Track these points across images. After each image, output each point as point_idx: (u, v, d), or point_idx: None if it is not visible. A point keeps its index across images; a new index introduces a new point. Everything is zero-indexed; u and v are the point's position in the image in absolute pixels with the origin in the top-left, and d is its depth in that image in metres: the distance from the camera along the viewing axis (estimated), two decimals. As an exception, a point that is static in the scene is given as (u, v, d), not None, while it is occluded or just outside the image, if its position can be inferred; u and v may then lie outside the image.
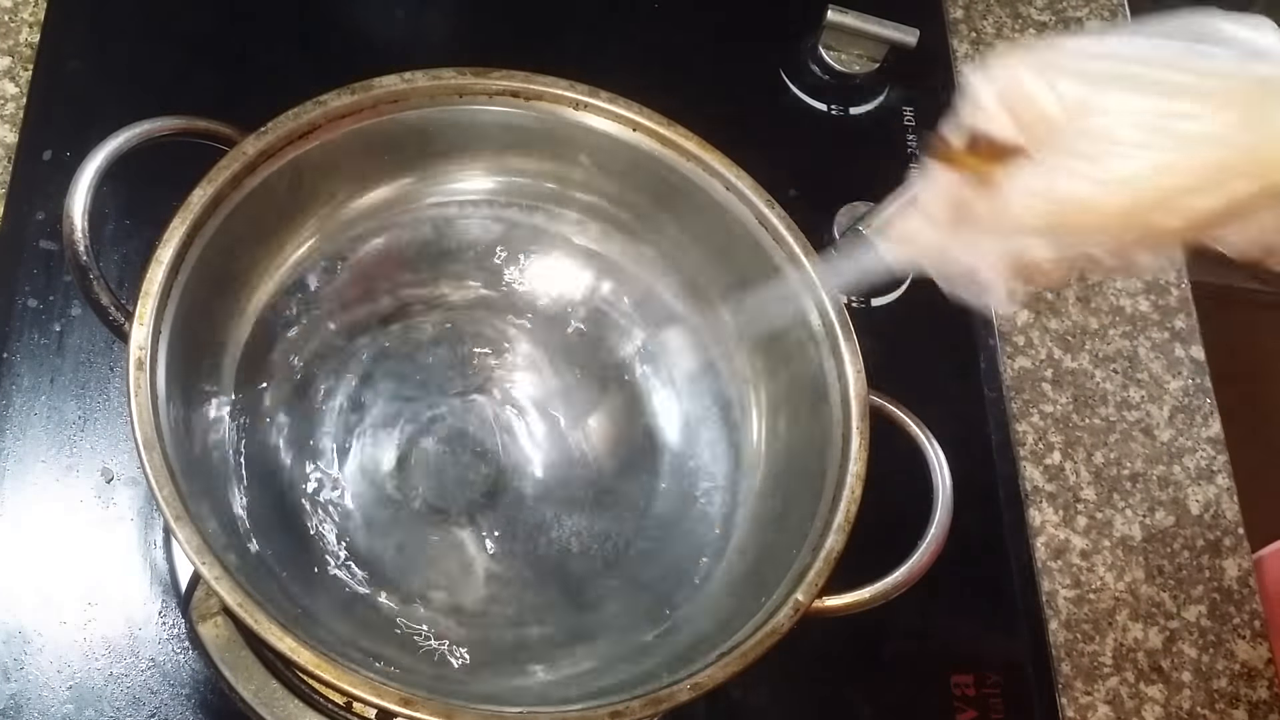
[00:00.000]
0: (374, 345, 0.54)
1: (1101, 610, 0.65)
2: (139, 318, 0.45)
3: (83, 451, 0.57)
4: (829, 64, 0.74)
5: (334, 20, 0.71)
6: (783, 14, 0.77)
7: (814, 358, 0.52)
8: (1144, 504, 0.68)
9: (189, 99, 0.65)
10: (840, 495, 0.48)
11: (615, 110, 0.54)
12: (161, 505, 0.42)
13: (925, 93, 0.77)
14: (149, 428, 0.43)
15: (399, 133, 0.53)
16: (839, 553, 0.47)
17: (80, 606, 0.54)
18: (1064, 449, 0.68)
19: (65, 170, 0.64)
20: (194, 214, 0.47)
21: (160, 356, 0.45)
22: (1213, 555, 0.67)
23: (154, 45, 0.68)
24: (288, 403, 0.52)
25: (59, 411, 0.58)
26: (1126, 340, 0.72)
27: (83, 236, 0.46)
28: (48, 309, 0.60)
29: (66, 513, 0.56)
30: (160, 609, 0.55)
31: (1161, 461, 0.69)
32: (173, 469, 0.43)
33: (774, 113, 0.75)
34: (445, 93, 0.53)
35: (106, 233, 0.62)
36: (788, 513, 0.51)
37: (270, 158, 0.50)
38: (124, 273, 0.62)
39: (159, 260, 0.46)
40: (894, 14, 0.74)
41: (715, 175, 0.54)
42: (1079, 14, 0.84)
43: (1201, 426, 0.71)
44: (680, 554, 0.52)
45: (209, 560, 0.42)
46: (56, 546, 0.55)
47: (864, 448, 0.49)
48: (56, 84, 0.65)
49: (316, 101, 0.51)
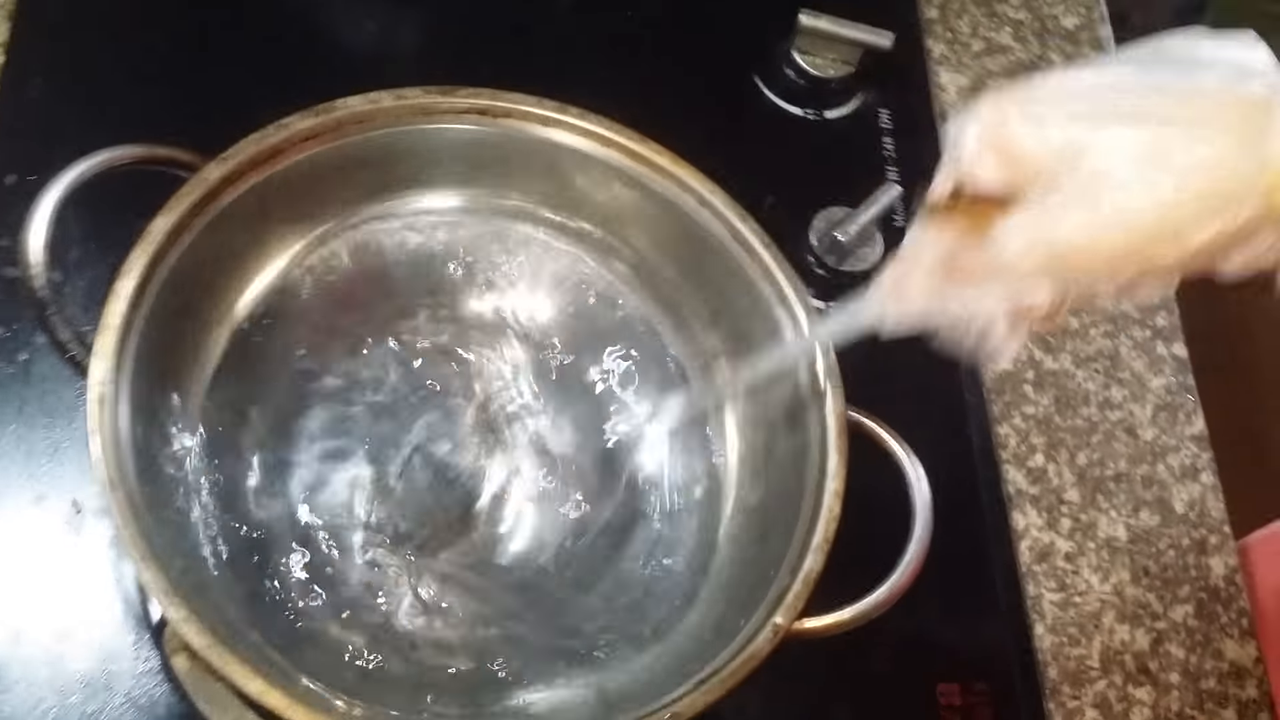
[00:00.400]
0: (345, 371, 0.54)
1: (1087, 613, 0.64)
2: (99, 353, 0.44)
3: (52, 482, 0.56)
4: (803, 68, 0.74)
5: (299, 41, 0.70)
6: (756, 18, 0.76)
7: (791, 373, 0.51)
8: (1128, 504, 0.68)
9: (154, 118, 0.65)
10: (819, 514, 0.48)
11: (585, 126, 0.54)
12: (127, 545, 0.42)
13: (901, 95, 0.76)
14: (112, 466, 0.43)
15: (365, 154, 0.53)
16: (818, 573, 0.46)
17: (52, 641, 0.53)
18: (1046, 451, 0.68)
19: (29, 194, 0.63)
20: (155, 244, 0.47)
21: (123, 392, 0.44)
22: (1199, 554, 0.67)
23: (118, 65, 0.67)
24: (256, 434, 0.51)
25: (26, 441, 0.57)
26: (1108, 339, 0.72)
27: (41, 271, 0.45)
28: (13, 336, 0.59)
29: (36, 545, 0.55)
30: (134, 641, 0.54)
31: (1145, 461, 0.69)
32: (137, 507, 0.42)
33: (748, 118, 0.74)
34: (411, 112, 0.52)
35: (72, 256, 0.61)
36: (767, 531, 0.50)
37: (233, 183, 0.49)
38: (91, 295, 0.61)
39: (118, 294, 0.46)
40: (868, 16, 0.74)
41: (688, 190, 0.54)
42: (1054, 10, 0.83)
43: (1185, 424, 0.70)
44: (658, 575, 0.51)
45: (175, 601, 0.41)
46: (26, 580, 0.54)
47: (842, 465, 0.49)
48: (20, 106, 0.64)
49: (280, 124, 0.50)
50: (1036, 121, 0.36)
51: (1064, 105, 0.36)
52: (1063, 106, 0.36)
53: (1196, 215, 0.35)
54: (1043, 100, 0.37)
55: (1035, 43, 0.82)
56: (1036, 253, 0.37)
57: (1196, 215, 0.35)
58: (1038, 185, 0.36)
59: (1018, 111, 0.36)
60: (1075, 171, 0.35)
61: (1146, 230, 0.35)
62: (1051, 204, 0.36)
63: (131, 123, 0.64)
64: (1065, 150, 0.36)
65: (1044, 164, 0.36)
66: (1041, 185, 0.36)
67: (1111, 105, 0.36)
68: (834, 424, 0.49)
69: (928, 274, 0.40)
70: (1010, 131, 0.36)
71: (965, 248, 0.38)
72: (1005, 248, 0.37)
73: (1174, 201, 0.35)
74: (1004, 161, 0.36)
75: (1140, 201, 0.35)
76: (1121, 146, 0.35)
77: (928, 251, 0.40)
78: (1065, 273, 0.37)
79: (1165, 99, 0.35)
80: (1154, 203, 0.35)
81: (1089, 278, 0.37)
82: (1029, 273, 0.37)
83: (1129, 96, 0.36)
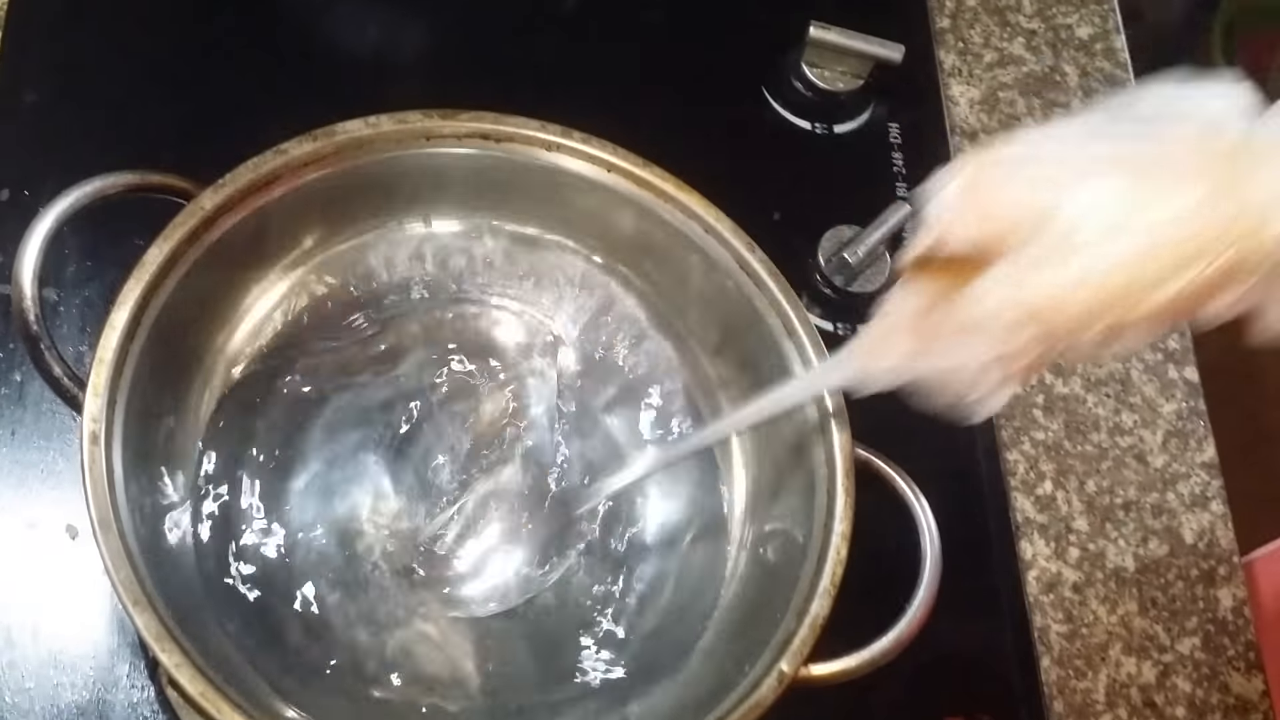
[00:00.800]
0: (344, 400, 0.52)
1: (1094, 645, 0.63)
2: (93, 388, 0.43)
3: (46, 506, 0.56)
4: (812, 81, 0.72)
5: (296, 54, 0.68)
6: (764, 30, 0.75)
7: (798, 411, 0.50)
8: (1137, 533, 0.67)
9: (150, 132, 0.64)
10: (826, 556, 0.47)
11: (589, 151, 0.52)
12: (118, 589, 0.41)
13: (911, 108, 0.75)
14: (105, 507, 0.42)
15: (365, 178, 0.51)
16: (825, 618, 0.45)
17: (46, 671, 0.53)
18: (1055, 478, 0.67)
19: (24, 210, 0.62)
20: (149, 274, 0.46)
21: (116, 428, 0.43)
22: (1207, 585, 0.66)
23: (113, 77, 0.66)
24: (254, 466, 0.50)
25: (20, 465, 0.56)
26: (1118, 363, 0.71)
27: (33, 304, 0.44)
28: (8, 357, 0.58)
29: (29, 571, 0.54)
30: (128, 671, 0.53)
31: (1155, 489, 0.68)
32: (130, 550, 0.42)
33: (756, 131, 0.73)
34: (412, 136, 0.51)
35: (68, 273, 0.60)
36: (772, 572, 0.49)
37: (229, 210, 0.48)
38: (87, 314, 0.60)
39: (113, 325, 0.45)
40: (879, 27, 0.72)
41: (694, 217, 0.52)
42: (1069, 20, 0.82)
43: (1195, 451, 0.69)
44: (662, 617, 0.51)
45: (169, 647, 0.40)
46: (20, 607, 0.54)
47: (850, 506, 0.48)
48: (14, 119, 0.63)
49: (278, 150, 0.49)
50: (1012, 182, 0.37)
51: (1038, 164, 0.37)
52: (1037, 165, 0.37)
53: (1168, 268, 0.35)
54: (1018, 159, 0.37)
55: (1049, 53, 0.80)
56: (1011, 309, 0.37)
57: (1168, 268, 0.35)
58: (1012, 243, 0.36)
59: (993, 172, 0.37)
60: (1048, 229, 0.36)
61: (1117, 286, 0.36)
62: (1024, 262, 0.36)
63: (126, 137, 0.64)
64: (1039, 208, 0.36)
65: (1019, 223, 0.36)
66: (1016, 243, 0.36)
67: (1085, 161, 0.36)
68: (841, 463, 0.48)
69: (905, 333, 0.40)
70: (986, 192, 0.37)
71: (942, 306, 0.39)
72: (980, 304, 0.37)
73: (1145, 257, 0.35)
74: (979, 221, 0.37)
75: (1110, 258, 0.35)
76: (1092, 202, 0.35)
77: (905, 310, 0.40)
78: (1040, 327, 0.37)
79: (1138, 152, 0.36)
80: (1124, 259, 0.35)
81: (1065, 332, 0.37)
82: (1005, 329, 0.37)
83: (1102, 151, 0.36)
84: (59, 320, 0.59)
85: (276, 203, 0.49)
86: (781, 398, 0.47)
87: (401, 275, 0.54)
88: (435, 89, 0.54)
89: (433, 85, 0.58)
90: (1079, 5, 0.82)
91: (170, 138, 0.63)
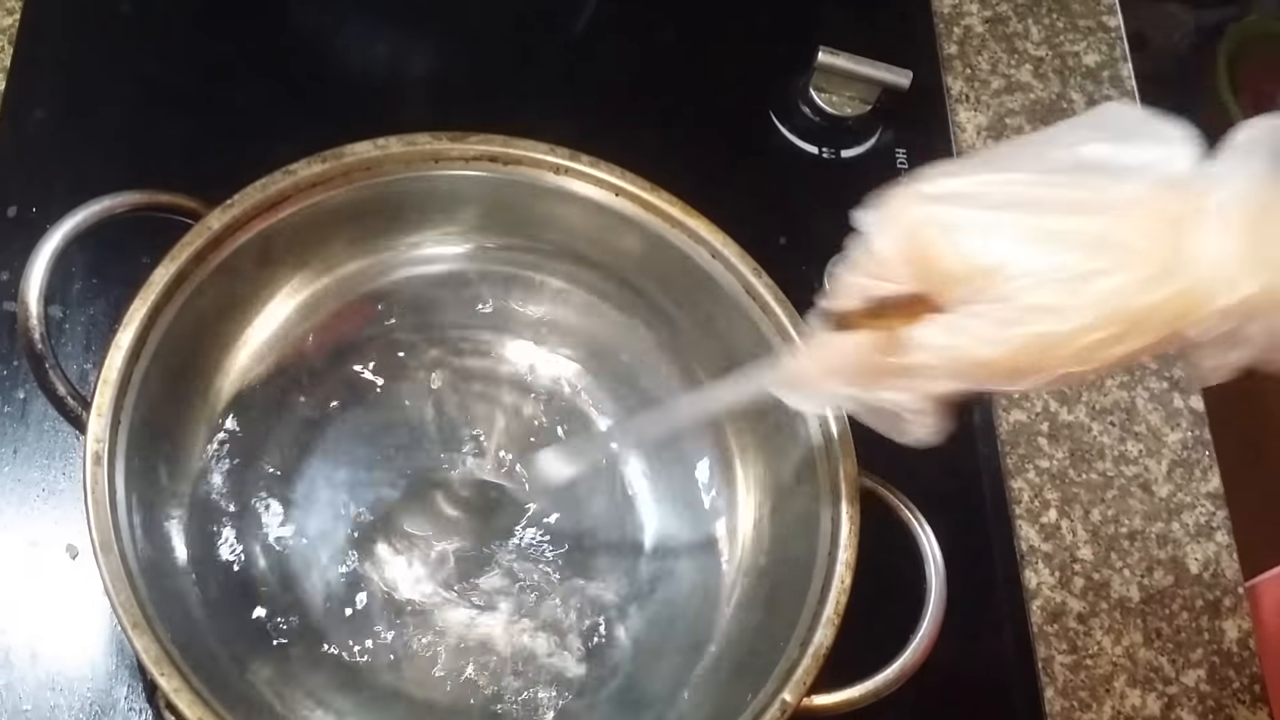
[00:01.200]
0: (349, 421, 0.52)
1: (1099, 676, 0.63)
2: (97, 409, 0.43)
3: (47, 525, 0.55)
4: (820, 106, 0.72)
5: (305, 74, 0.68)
6: (773, 55, 0.75)
7: (802, 436, 0.50)
8: (1142, 563, 0.66)
9: (157, 150, 0.64)
10: (830, 585, 0.46)
11: (596, 175, 0.52)
12: (118, 611, 0.41)
13: (919, 134, 0.75)
14: (106, 529, 0.42)
15: (373, 200, 0.52)
16: (828, 648, 0.45)
17: (44, 693, 0.52)
18: (1060, 506, 0.67)
19: (31, 228, 0.62)
20: (155, 294, 0.46)
21: (120, 449, 0.43)
22: (1212, 616, 0.66)
23: (122, 96, 0.66)
24: (257, 486, 0.50)
25: (22, 483, 0.56)
26: (1124, 391, 0.71)
27: (38, 323, 0.44)
28: (11, 375, 0.58)
29: (29, 591, 0.54)
30: (126, 694, 0.53)
31: (1160, 518, 0.68)
32: (130, 571, 0.41)
33: (764, 156, 0.73)
34: (421, 158, 0.51)
35: (74, 290, 0.60)
36: (776, 599, 0.49)
37: (236, 231, 0.48)
38: (93, 331, 0.60)
39: (118, 345, 0.45)
40: (887, 53, 0.72)
41: (701, 242, 0.52)
42: (1076, 48, 0.82)
43: (1201, 481, 0.69)
44: (664, 644, 0.50)
45: (168, 670, 0.40)
46: (18, 629, 0.53)
47: (854, 534, 0.47)
48: (22, 136, 0.63)
49: (285, 171, 0.49)
50: (951, 230, 0.35)
51: (980, 211, 0.35)
52: (979, 212, 0.35)
53: (1113, 337, 0.34)
54: (957, 200, 0.35)
55: (1056, 80, 0.80)
56: (946, 363, 0.36)
57: (1113, 337, 0.34)
58: (949, 294, 0.35)
59: (931, 216, 0.35)
60: (989, 288, 0.34)
61: (1058, 352, 0.35)
62: (962, 320, 0.35)
63: (134, 156, 0.64)
64: (979, 264, 0.34)
65: (954, 274, 0.35)
66: (953, 295, 0.35)
67: (1030, 219, 0.35)
68: (846, 490, 0.48)
69: (828, 375, 0.39)
70: (923, 240, 0.35)
71: (870, 351, 0.38)
72: (914, 355, 0.36)
73: (1089, 328, 0.34)
74: (913, 265, 0.36)
75: (1053, 329, 0.34)
76: (1035, 269, 0.34)
77: (833, 358, 0.39)
78: (976, 379, 0.36)
79: (1084, 214, 0.34)
80: (1067, 330, 0.34)
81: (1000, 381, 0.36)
82: (937, 377, 0.37)
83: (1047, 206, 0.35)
84: (64, 338, 0.59)
85: (284, 223, 0.49)
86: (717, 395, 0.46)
87: (408, 297, 0.54)
88: (443, 111, 0.54)
89: (441, 107, 0.58)
90: (1086, 33, 0.82)
91: (178, 157, 0.63)
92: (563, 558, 0.52)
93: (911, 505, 0.49)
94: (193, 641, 0.43)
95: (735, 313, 0.53)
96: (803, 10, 0.78)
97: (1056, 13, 0.82)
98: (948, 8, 0.81)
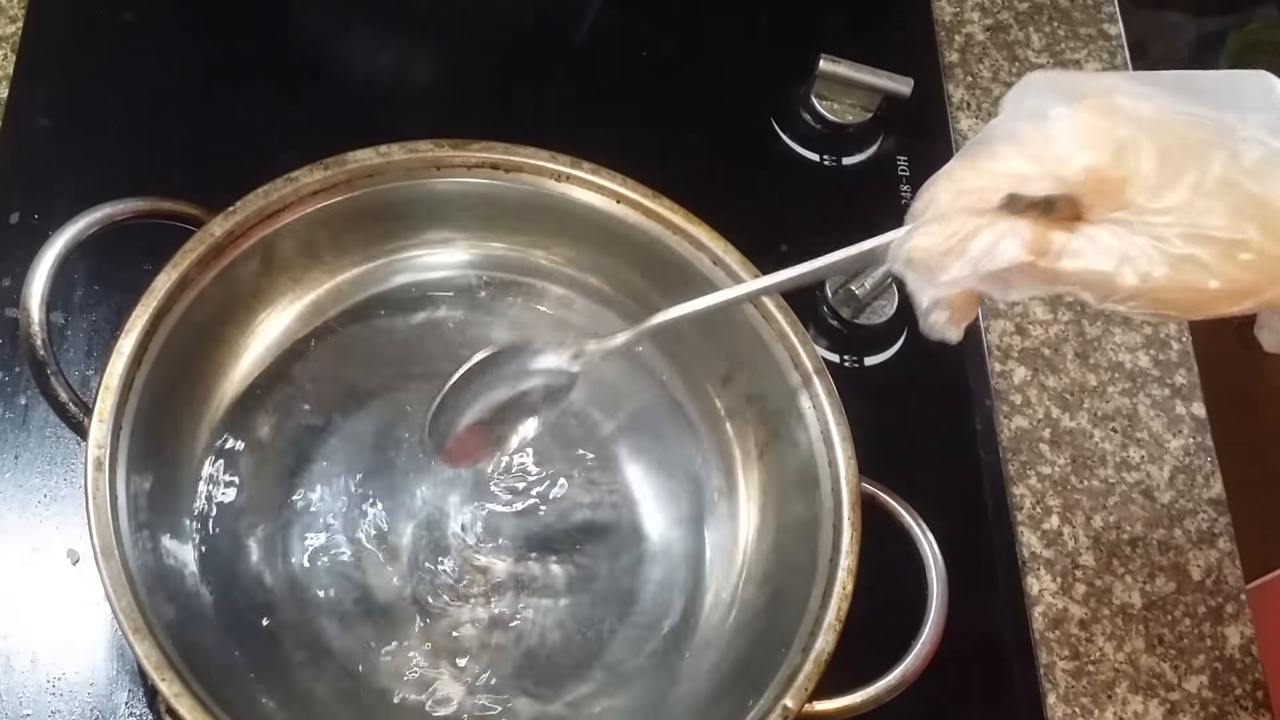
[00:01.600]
0: (350, 433, 0.52)
1: (1100, 683, 0.63)
2: (99, 414, 0.43)
3: (48, 531, 0.55)
4: (821, 113, 0.73)
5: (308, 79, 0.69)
6: (774, 62, 0.75)
7: (804, 442, 0.50)
8: (1144, 570, 0.66)
9: (160, 157, 0.64)
10: (831, 590, 0.46)
11: (598, 182, 0.52)
12: (119, 616, 0.41)
13: (920, 141, 0.75)
14: (107, 534, 0.42)
15: (375, 206, 0.52)
16: (830, 654, 0.45)
17: (44, 698, 0.52)
18: (1062, 513, 0.67)
19: (33, 234, 0.62)
20: (157, 301, 0.46)
21: (121, 455, 0.43)
22: (1214, 623, 0.65)
23: (125, 103, 0.66)
24: (259, 494, 0.50)
25: (24, 489, 0.56)
26: (1126, 398, 0.71)
27: (40, 329, 0.44)
28: (13, 380, 0.58)
29: (30, 596, 0.54)
30: (127, 699, 0.53)
31: (1162, 525, 0.67)
32: (131, 577, 0.41)
33: (765, 163, 0.73)
34: (422, 166, 0.51)
35: (77, 296, 0.60)
36: (777, 604, 0.49)
37: (239, 238, 0.48)
38: (95, 337, 0.60)
39: (120, 351, 0.45)
40: (888, 60, 0.73)
41: (702, 249, 0.53)
42: (1076, 56, 0.82)
43: (1203, 487, 0.69)
44: (665, 649, 0.50)
45: (169, 676, 0.40)
46: (19, 634, 0.53)
47: (855, 540, 0.47)
48: (25, 142, 0.64)
49: (288, 178, 0.49)
50: (1155, 139, 0.35)
51: (1161, 128, 0.35)
52: (1160, 131, 0.35)
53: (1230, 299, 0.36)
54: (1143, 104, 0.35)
55: (1056, 89, 0.81)
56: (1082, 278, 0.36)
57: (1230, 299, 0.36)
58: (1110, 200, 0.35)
59: (1139, 117, 0.35)
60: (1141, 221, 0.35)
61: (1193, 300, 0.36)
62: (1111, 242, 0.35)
63: (137, 163, 0.64)
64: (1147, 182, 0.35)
65: (1125, 181, 0.35)
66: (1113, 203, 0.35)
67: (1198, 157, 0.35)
68: (848, 497, 0.48)
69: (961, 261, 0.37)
70: (1121, 139, 0.35)
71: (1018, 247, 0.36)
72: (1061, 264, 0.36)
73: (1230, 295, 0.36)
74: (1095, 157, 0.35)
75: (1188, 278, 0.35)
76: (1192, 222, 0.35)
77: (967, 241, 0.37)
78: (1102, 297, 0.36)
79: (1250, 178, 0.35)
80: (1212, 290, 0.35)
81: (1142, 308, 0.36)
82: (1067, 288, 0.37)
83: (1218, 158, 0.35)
84: (65, 344, 0.59)
85: (286, 230, 0.49)
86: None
87: (410, 303, 0.54)
88: (446, 118, 0.54)
89: (443, 115, 0.59)
90: (1087, 41, 0.82)
91: (181, 164, 0.63)
92: (568, 564, 0.52)
93: (913, 511, 0.49)
94: (193, 647, 0.43)
95: (736, 319, 0.53)
96: (804, 18, 0.78)
97: (1058, 21, 0.82)
98: (949, 16, 0.81)
